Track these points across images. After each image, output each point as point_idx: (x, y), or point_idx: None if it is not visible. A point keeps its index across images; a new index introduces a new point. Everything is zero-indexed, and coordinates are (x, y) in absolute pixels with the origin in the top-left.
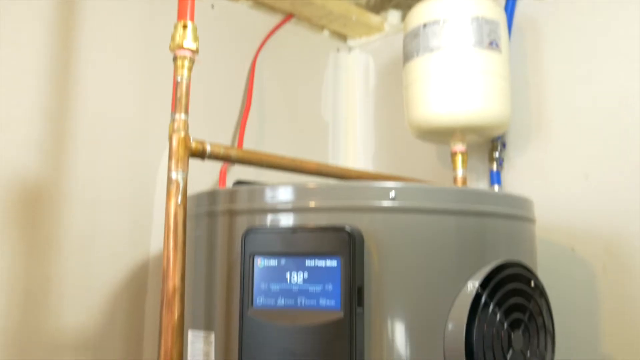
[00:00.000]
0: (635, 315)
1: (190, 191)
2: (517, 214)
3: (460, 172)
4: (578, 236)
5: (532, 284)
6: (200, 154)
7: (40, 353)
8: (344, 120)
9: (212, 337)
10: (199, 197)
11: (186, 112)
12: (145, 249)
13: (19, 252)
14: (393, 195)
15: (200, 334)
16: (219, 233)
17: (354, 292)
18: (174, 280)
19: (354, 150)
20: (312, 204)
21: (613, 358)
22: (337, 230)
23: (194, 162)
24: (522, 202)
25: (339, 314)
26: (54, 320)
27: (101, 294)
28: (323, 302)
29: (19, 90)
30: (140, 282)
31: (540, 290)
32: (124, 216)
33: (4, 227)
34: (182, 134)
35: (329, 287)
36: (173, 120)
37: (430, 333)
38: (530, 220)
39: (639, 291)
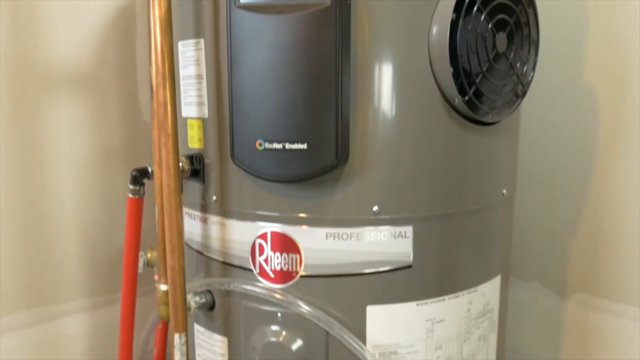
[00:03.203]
0: (621, 48)
1: None
2: None
3: None
4: None
5: None
6: None
7: (36, 85)
8: None
9: (202, 43)
10: None
11: None
12: None
13: None
14: None
15: (190, 42)
16: None
17: None
18: None
19: None
20: None
21: (594, 88)
22: None
23: None
24: None
25: (326, 3)
26: (46, 54)
27: (90, 33)
28: None
29: None
30: (128, 22)
31: None
32: None
33: None
34: None
35: None
36: None
37: (415, 37)
38: None
39: (628, 20)
